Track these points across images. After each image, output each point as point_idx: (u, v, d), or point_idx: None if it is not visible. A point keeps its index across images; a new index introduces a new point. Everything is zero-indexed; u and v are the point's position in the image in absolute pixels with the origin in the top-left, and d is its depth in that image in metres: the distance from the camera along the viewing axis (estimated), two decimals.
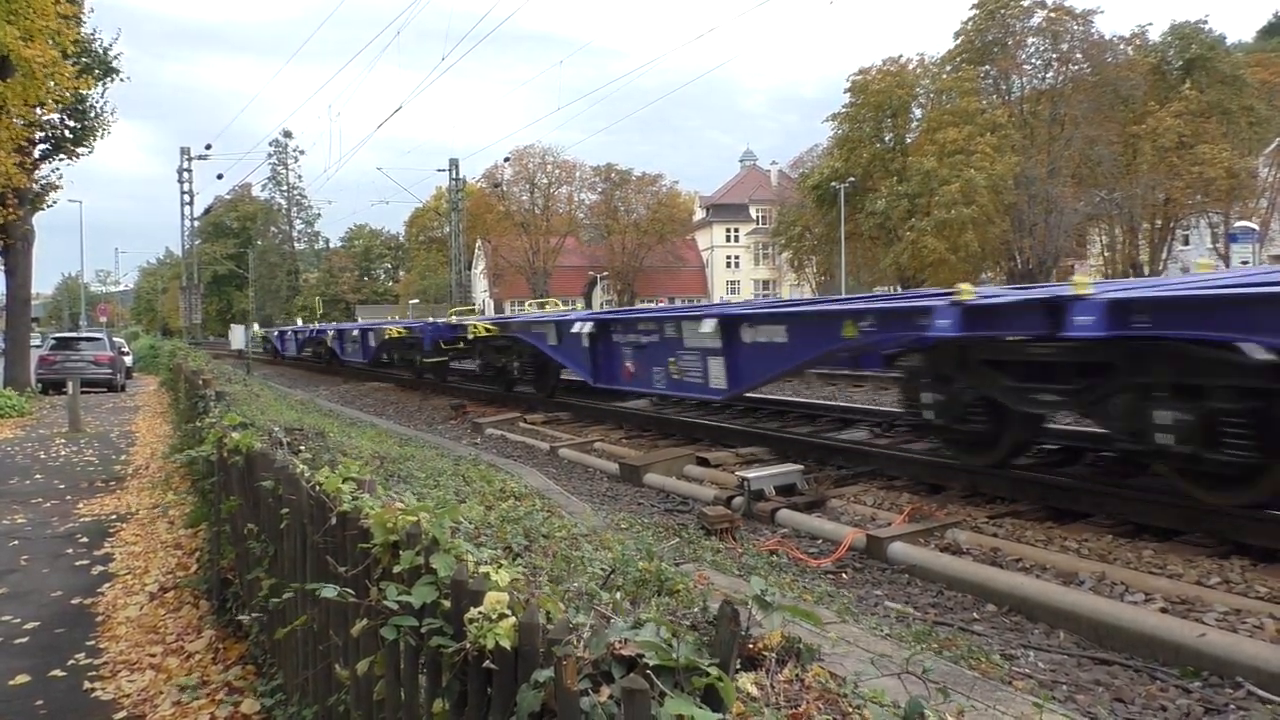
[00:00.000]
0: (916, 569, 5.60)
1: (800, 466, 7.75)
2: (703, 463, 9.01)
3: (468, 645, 1.82)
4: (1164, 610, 4.56)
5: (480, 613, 1.81)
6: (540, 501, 7.14)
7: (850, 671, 3.55)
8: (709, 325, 9.45)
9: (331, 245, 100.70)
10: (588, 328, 12.24)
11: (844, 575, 5.67)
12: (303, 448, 4.69)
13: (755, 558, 5.74)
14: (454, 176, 50.88)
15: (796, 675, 3.62)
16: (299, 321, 50.92)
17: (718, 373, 9.59)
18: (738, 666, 3.69)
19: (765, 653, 3.83)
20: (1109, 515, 6.04)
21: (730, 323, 9.33)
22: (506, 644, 1.73)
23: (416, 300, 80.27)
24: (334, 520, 2.82)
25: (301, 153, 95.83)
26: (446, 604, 2.01)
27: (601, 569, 4.65)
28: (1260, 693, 3.79)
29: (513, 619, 1.77)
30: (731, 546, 6.15)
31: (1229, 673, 3.96)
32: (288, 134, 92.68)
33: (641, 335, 11.22)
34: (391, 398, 20.37)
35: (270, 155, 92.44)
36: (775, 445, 9.34)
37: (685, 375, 10.26)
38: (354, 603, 2.47)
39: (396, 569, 2.27)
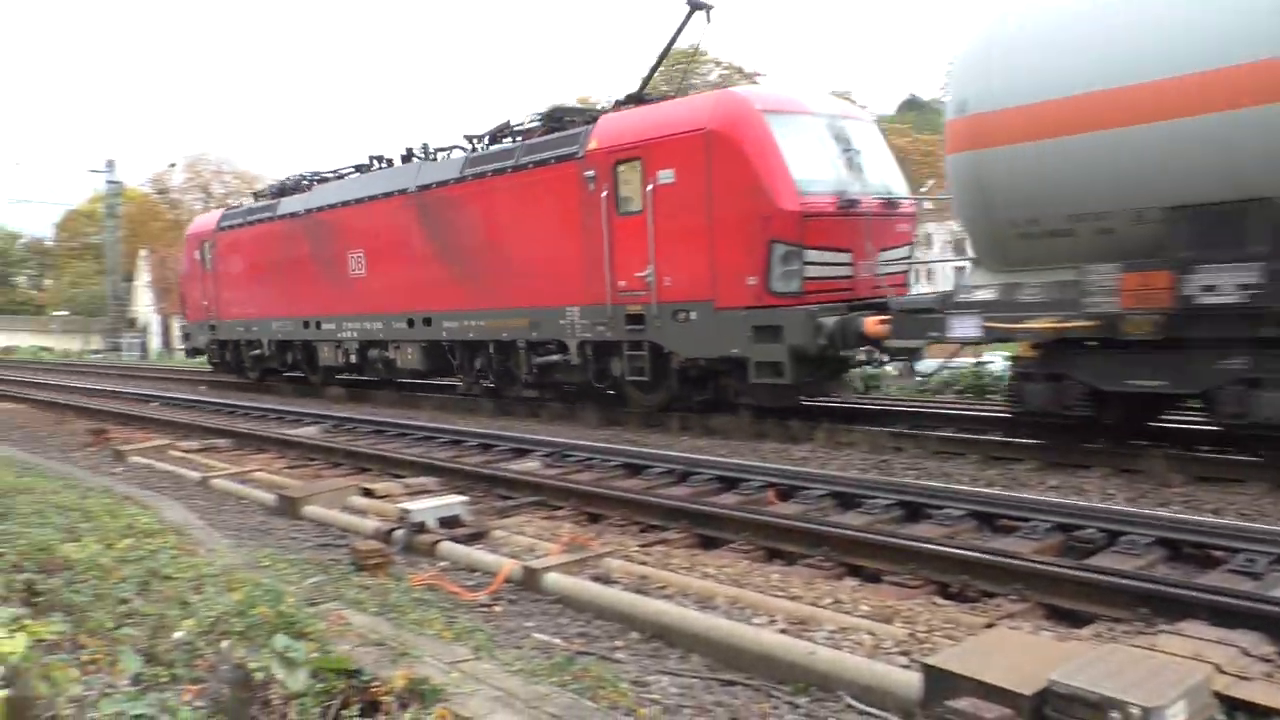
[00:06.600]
0: (568, 599, 5.66)
1: (464, 498, 7.62)
2: (369, 494, 8.63)
3: None
4: (783, 630, 4.90)
5: None
6: (175, 539, 6.48)
7: (476, 711, 3.46)
8: None
9: None
10: None
11: (497, 608, 5.61)
12: None
13: (403, 594, 5.52)
14: (111, 179, 45.97)
15: (417, 718, 3.47)
16: None
17: None
18: (356, 713, 3.47)
19: (386, 697, 3.64)
20: (748, 541, 6.46)
21: None
22: None
23: (65, 311, 71.54)
24: None
25: None
26: None
27: (214, 614, 4.21)
28: (856, 704, 4.16)
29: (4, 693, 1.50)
30: (382, 582, 5.89)
31: (833, 687, 4.30)
32: None
33: None
34: (19, 419, 17.82)
35: None
36: (446, 475, 9.15)
37: None
38: None
39: None
